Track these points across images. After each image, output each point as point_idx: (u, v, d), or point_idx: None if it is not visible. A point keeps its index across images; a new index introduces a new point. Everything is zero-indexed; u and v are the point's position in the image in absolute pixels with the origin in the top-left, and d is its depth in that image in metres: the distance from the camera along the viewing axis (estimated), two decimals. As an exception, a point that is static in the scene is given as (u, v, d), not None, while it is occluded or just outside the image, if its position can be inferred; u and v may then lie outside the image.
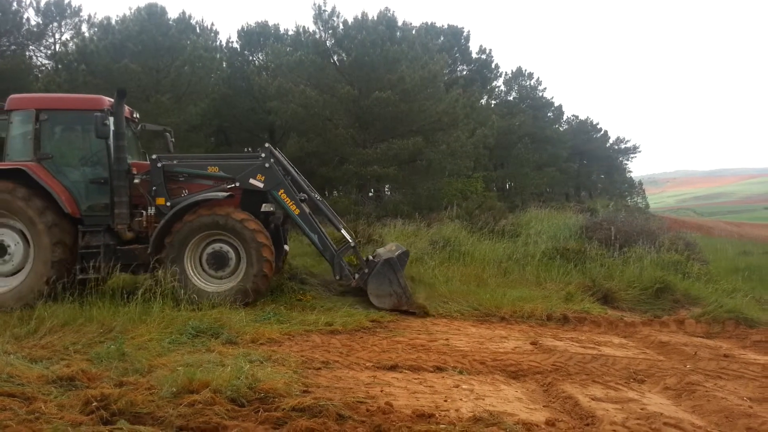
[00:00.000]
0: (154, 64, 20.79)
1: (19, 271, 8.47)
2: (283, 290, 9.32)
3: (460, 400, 4.99)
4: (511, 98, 42.30)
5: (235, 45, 29.14)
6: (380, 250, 10.11)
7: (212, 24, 26.26)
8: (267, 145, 9.28)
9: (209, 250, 8.76)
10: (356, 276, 9.08)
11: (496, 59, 37.44)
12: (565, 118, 49.86)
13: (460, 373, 5.88)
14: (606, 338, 7.90)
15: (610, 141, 54.27)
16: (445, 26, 35.78)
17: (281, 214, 9.44)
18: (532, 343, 7.26)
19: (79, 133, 9.17)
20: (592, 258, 12.05)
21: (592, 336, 7.99)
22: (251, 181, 9.01)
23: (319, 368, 5.74)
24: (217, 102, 23.06)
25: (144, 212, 8.91)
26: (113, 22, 22.37)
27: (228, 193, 8.94)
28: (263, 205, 9.18)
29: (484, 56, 37.47)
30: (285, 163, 9.36)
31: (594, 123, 52.72)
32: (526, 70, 43.29)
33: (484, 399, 5.05)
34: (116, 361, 5.48)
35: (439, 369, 5.96)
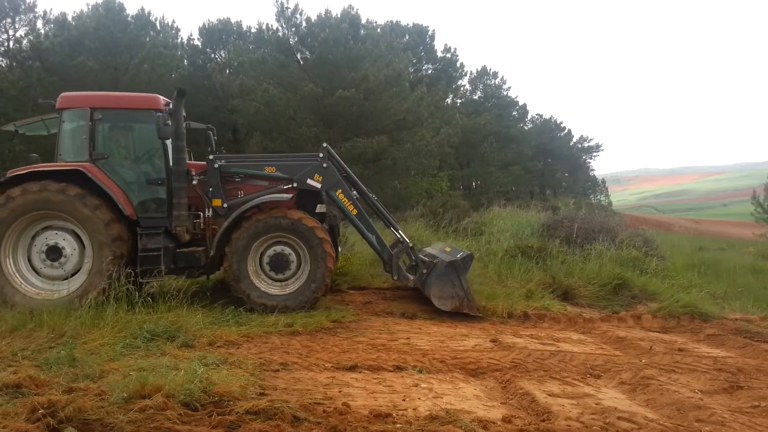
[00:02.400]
0: (112, 62, 20.39)
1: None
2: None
3: (419, 399, 4.99)
4: (476, 97, 42.69)
5: (197, 42, 28.77)
6: (430, 250, 10.01)
7: (173, 21, 25.84)
8: (325, 145, 9.20)
9: (271, 252, 8.62)
10: (413, 276, 9.12)
11: (461, 58, 37.79)
12: (529, 117, 50.53)
13: (420, 371, 5.88)
14: (565, 334, 8.00)
15: (574, 140, 55.15)
16: (410, 25, 35.93)
17: (336, 215, 9.41)
18: (492, 341, 7.31)
19: (135, 132, 8.98)
20: (553, 255, 12.19)
21: (551, 332, 8.08)
22: (309, 181, 8.89)
23: (278, 370, 5.67)
24: (178, 100, 22.63)
25: (201, 214, 8.70)
26: (69, 18, 21.91)
27: (291, 195, 8.84)
28: (318, 206, 9.08)
29: (449, 55, 37.73)
30: (341, 163, 9.31)
31: (558, 122, 53.58)
32: (490, 70, 43.77)
33: (442, 397, 5.06)
34: (66, 366, 5.31)
35: (398, 368, 5.96)
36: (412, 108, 22.72)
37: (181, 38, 27.84)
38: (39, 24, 24.06)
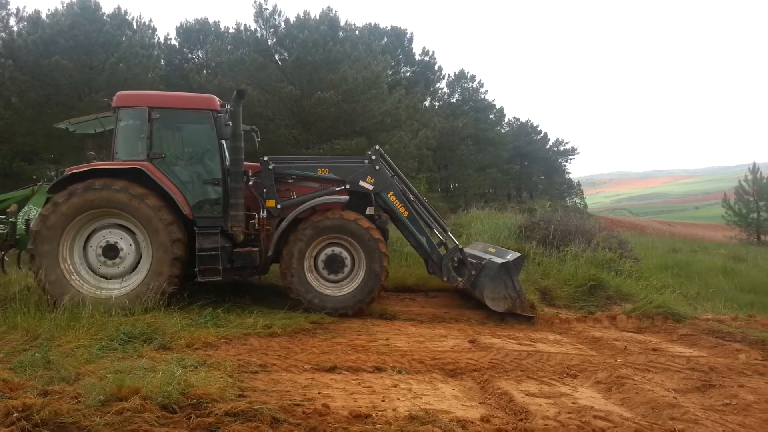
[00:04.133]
0: (87, 61, 20.08)
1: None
2: (222, 292, 9.14)
3: (398, 399, 5.02)
4: (454, 100, 42.84)
5: (174, 42, 28.53)
6: (472, 251, 10.03)
7: (150, 20, 25.50)
8: (377, 147, 9.35)
9: (327, 252, 8.74)
10: (463, 278, 9.19)
11: (439, 61, 37.98)
12: (506, 120, 50.82)
13: (399, 372, 5.91)
14: (541, 335, 8.10)
15: (550, 143, 55.61)
16: (389, 27, 35.96)
17: (387, 218, 9.45)
18: (471, 341, 7.37)
19: (191, 132, 8.98)
20: (530, 257, 12.32)
21: (528, 333, 8.18)
22: (361, 183, 9.04)
23: (256, 372, 5.65)
24: (155, 101, 22.41)
25: (256, 214, 8.74)
26: (44, 16, 21.51)
27: (347, 197, 8.89)
28: (367, 208, 9.11)
29: (427, 58, 37.85)
30: (392, 164, 9.38)
31: (534, 125, 53.96)
32: (468, 73, 43.95)
33: (421, 398, 5.09)
34: (41, 369, 5.24)
35: (378, 369, 5.98)
36: (391, 110, 22.75)
37: (158, 38, 27.56)
38: (12, 21, 23.62)
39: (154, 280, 7.96)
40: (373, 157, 9.13)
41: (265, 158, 8.93)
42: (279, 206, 8.78)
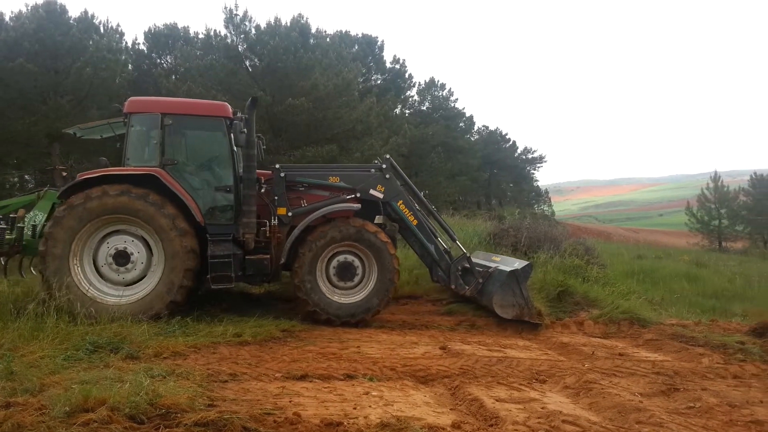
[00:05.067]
0: (52, 65, 19.74)
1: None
2: (190, 301, 9.02)
3: (369, 407, 5.01)
4: (425, 108, 43.16)
5: (142, 47, 28.15)
6: (477, 260, 10.00)
7: (117, 24, 25.28)
8: (387, 156, 9.41)
9: (339, 260, 8.76)
10: (470, 286, 9.25)
11: (410, 69, 38.18)
12: (475, 128, 51.41)
13: (371, 380, 5.90)
14: (511, 341, 8.18)
15: (518, 151, 56.40)
16: (360, 35, 36.12)
17: (396, 227, 9.47)
18: (441, 348, 7.41)
19: (204, 139, 8.93)
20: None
21: (498, 339, 8.26)
22: (371, 191, 9.10)
23: (226, 381, 5.58)
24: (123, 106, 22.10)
25: (267, 222, 8.72)
26: (7, 18, 21.01)
27: (359, 205, 8.90)
28: (376, 217, 9.14)
29: (398, 66, 38.09)
30: (401, 173, 9.41)
31: (503, 134, 54.69)
32: (438, 81, 44.36)
33: (393, 405, 5.09)
34: (3, 380, 5.08)
35: (349, 377, 5.96)
36: (362, 117, 22.85)
37: (126, 42, 27.23)
38: (-27, 24, 23.08)
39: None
40: (384, 166, 9.24)
41: (277, 166, 8.99)
42: (290, 214, 8.83)
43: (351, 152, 22.90)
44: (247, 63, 22.52)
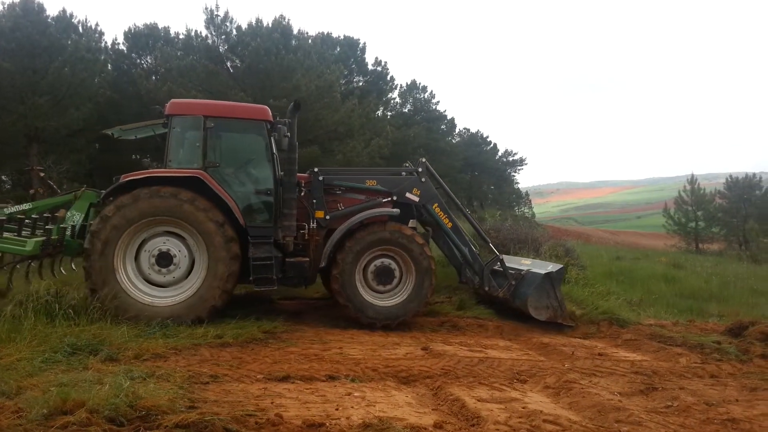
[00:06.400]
0: (30, 64, 19.46)
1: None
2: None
3: (352, 407, 5.01)
4: (406, 110, 43.20)
5: (122, 47, 27.80)
6: (510, 264, 10.02)
7: (96, 24, 24.97)
8: (423, 159, 9.52)
9: (377, 264, 8.85)
10: (503, 288, 9.34)
11: (392, 72, 38.20)
12: (457, 130, 51.55)
13: (353, 380, 5.90)
14: (492, 341, 8.23)
15: (499, 153, 56.72)
16: (341, 37, 35.98)
17: (429, 231, 9.59)
18: (423, 349, 7.43)
19: (245, 142, 9.04)
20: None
21: (479, 339, 8.30)
22: (407, 195, 9.24)
23: (207, 382, 5.53)
24: (102, 106, 21.92)
25: (306, 225, 8.80)
26: (-17, 16, 20.66)
27: (398, 209, 8.99)
28: (410, 221, 9.22)
29: (379, 68, 38.02)
30: (436, 176, 9.53)
31: (484, 136, 54.94)
32: (420, 84, 44.46)
33: (375, 405, 5.10)
34: (-21, 384, 5.01)
35: (331, 378, 5.95)
36: (344, 119, 22.84)
37: (105, 42, 26.88)
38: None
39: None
40: (420, 170, 9.35)
41: (315, 169, 9.08)
42: (328, 217, 8.89)
43: (333, 154, 22.87)
44: (229, 64, 22.41)
